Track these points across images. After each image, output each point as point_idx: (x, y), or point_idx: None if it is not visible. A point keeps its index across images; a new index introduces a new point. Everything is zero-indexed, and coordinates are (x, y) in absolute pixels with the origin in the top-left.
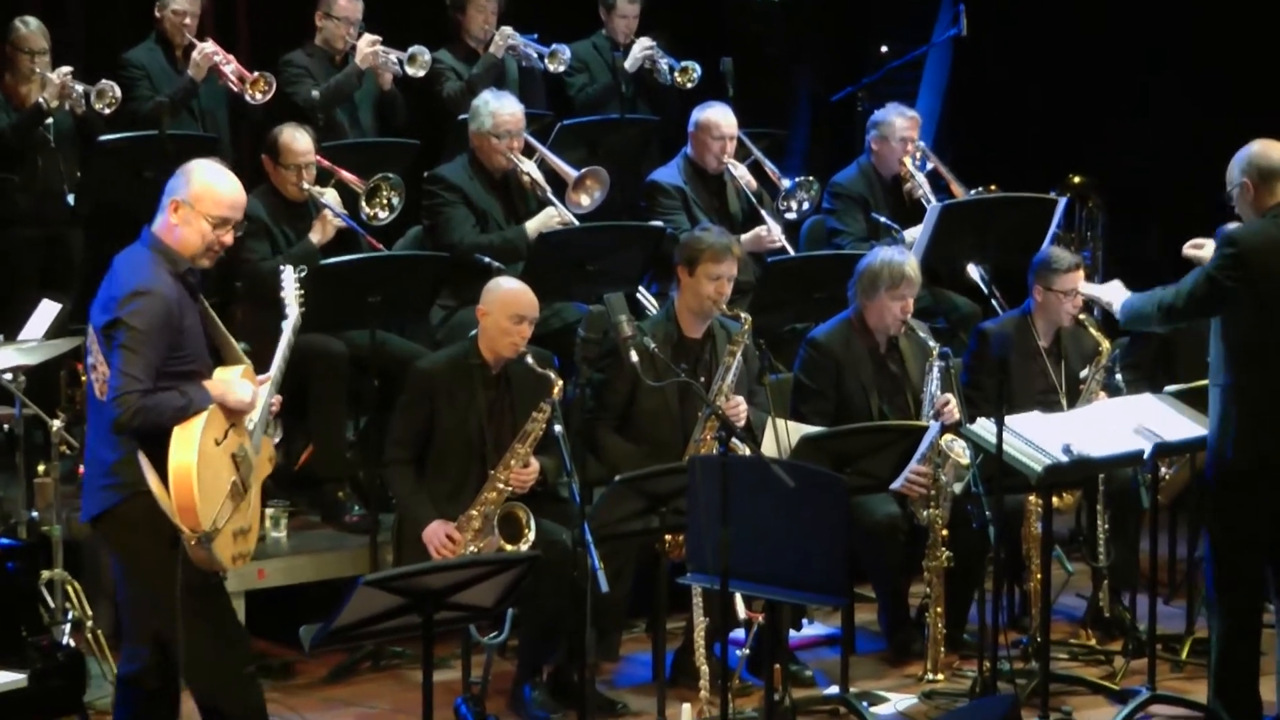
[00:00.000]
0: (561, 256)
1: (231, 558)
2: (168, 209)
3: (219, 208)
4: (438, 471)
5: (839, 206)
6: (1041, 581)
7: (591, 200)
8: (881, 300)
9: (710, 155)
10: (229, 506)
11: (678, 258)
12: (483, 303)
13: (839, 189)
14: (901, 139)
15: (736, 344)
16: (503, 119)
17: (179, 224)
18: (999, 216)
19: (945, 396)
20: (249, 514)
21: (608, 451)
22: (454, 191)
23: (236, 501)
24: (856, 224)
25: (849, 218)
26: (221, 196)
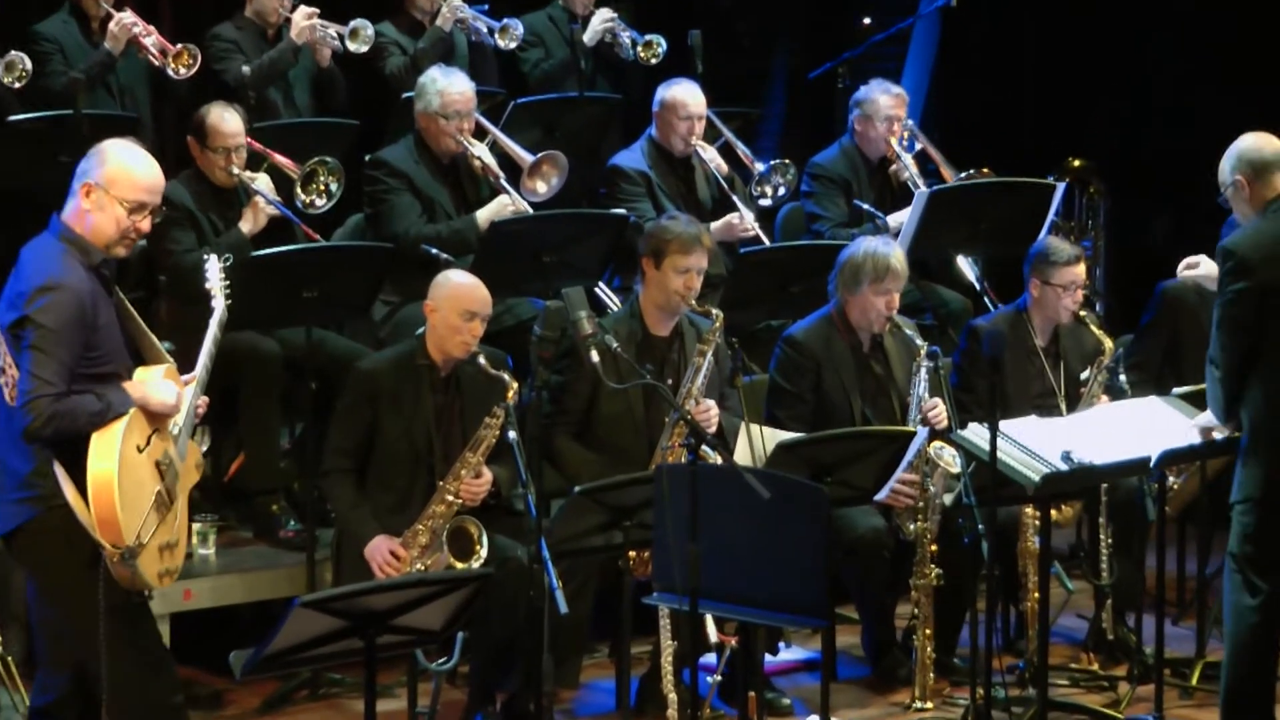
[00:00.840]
0: (515, 248)
1: (157, 575)
2: (79, 193)
3: (135, 191)
4: (381, 482)
5: (819, 190)
6: (1039, 601)
7: (549, 187)
8: (865, 295)
9: (677, 137)
10: (154, 519)
11: (642, 249)
12: (430, 298)
13: (819, 171)
14: (887, 118)
15: (707, 343)
16: (451, 98)
17: (91, 209)
18: (992, 203)
19: (933, 400)
20: (175, 527)
21: (566, 460)
22: (398, 177)
23: (162, 513)
24: (837, 209)
25: (829, 202)
26: (138, 179)
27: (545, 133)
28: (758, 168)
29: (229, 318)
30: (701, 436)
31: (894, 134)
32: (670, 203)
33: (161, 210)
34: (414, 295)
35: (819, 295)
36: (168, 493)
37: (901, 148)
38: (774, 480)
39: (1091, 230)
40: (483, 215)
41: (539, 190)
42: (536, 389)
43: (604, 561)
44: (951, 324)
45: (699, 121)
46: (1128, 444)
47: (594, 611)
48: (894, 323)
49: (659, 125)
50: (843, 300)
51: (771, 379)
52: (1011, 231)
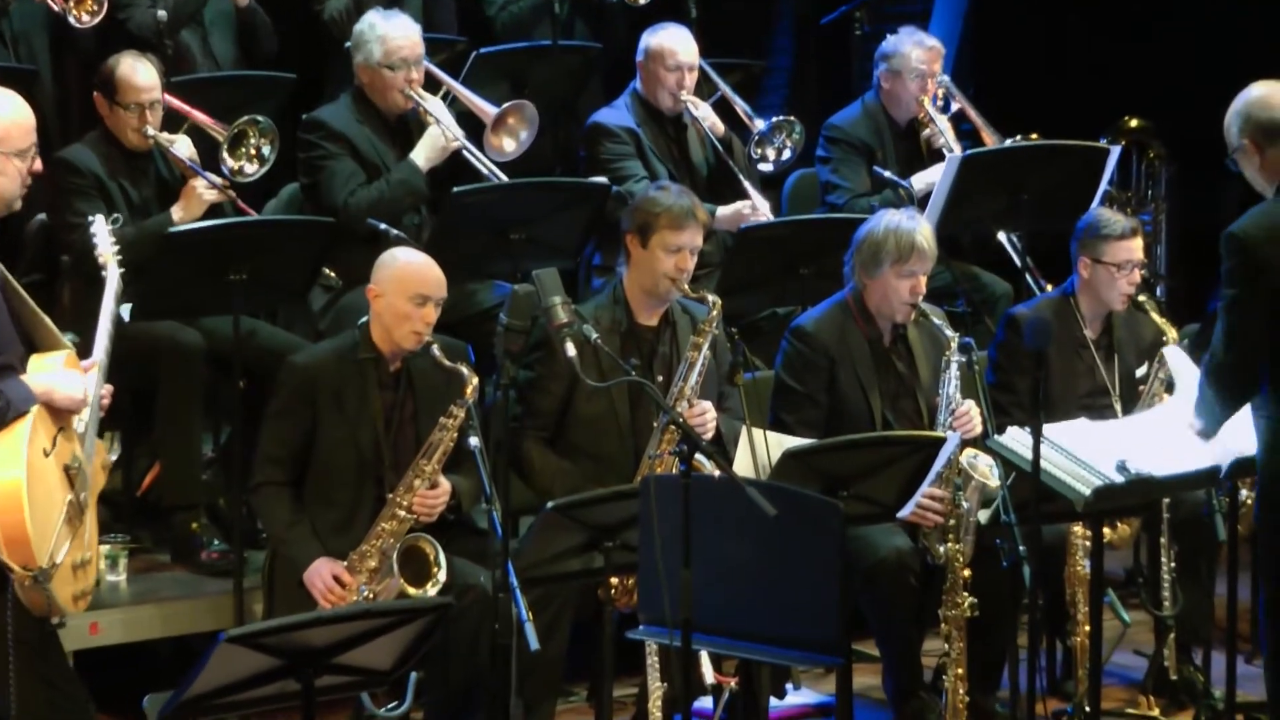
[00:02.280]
0: (477, 222)
1: (71, 598)
2: None
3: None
4: (321, 496)
5: (837, 155)
6: (1090, 635)
7: (517, 143)
8: (886, 278)
9: (664, 91)
10: (66, 533)
11: (627, 223)
12: (375, 280)
13: (838, 133)
14: (919, 74)
15: (702, 334)
16: (395, 45)
17: None
18: (1035, 170)
19: (966, 401)
20: (86, 540)
21: (537, 470)
22: (337, 140)
23: (74, 527)
24: (858, 178)
25: (849, 169)
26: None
27: (513, 87)
28: (758, 126)
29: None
30: (695, 443)
31: (926, 92)
32: (661, 166)
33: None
34: (358, 278)
35: (833, 278)
36: (78, 502)
37: (935, 108)
38: (780, 494)
39: (1151, 201)
40: (419, 155)
41: (505, 148)
42: (502, 386)
43: (581, 589)
44: (988, 312)
45: (690, 73)
46: (1194, 451)
47: (570, 648)
48: (920, 311)
49: (644, 78)
50: (860, 284)
51: (777, 376)
52: (1057, 203)
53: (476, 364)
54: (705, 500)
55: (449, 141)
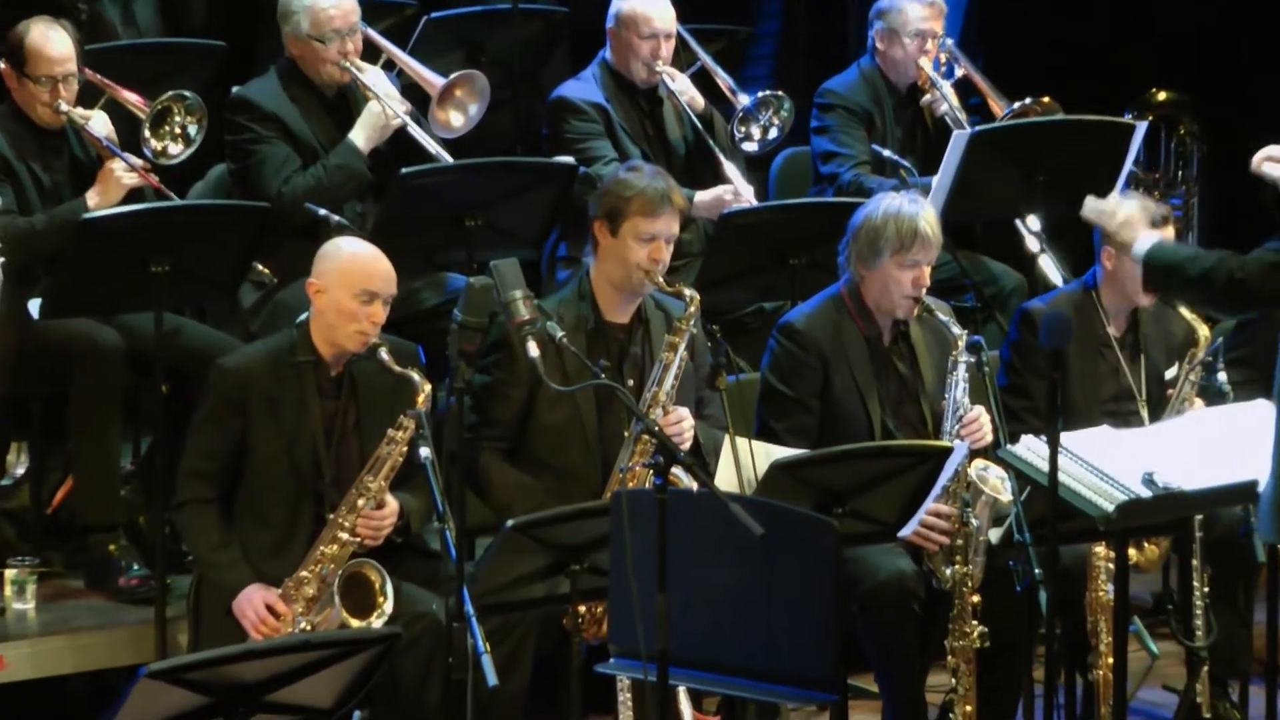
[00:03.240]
0: (428, 208)
1: None
2: None
3: None
4: (254, 515)
5: (835, 122)
6: (1114, 668)
7: (466, 118)
8: (886, 269)
9: (638, 61)
10: None
11: (595, 209)
12: (316, 274)
13: (834, 99)
14: (918, 34)
15: (679, 333)
16: (325, 15)
17: None
18: (1053, 148)
19: (975, 407)
20: None
21: (496, 485)
22: (267, 121)
23: None
24: (862, 145)
25: (849, 136)
26: None
27: (468, 57)
28: (742, 101)
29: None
30: (672, 454)
31: (927, 54)
32: (634, 146)
33: None
34: (295, 271)
35: (826, 270)
36: None
37: (938, 73)
38: (768, 511)
39: (1182, 184)
40: (358, 135)
41: (453, 124)
42: (456, 392)
43: (545, 618)
44: (1000, 307)
45: (667, 41)
46: (1229, 463)
47: (532, 684)
48: (924, 306)
49: (615, 46)
50: (857, 276)
51: (764, 379)
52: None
53: (428, 367)
54: (684, 518)
55: (390, 118)
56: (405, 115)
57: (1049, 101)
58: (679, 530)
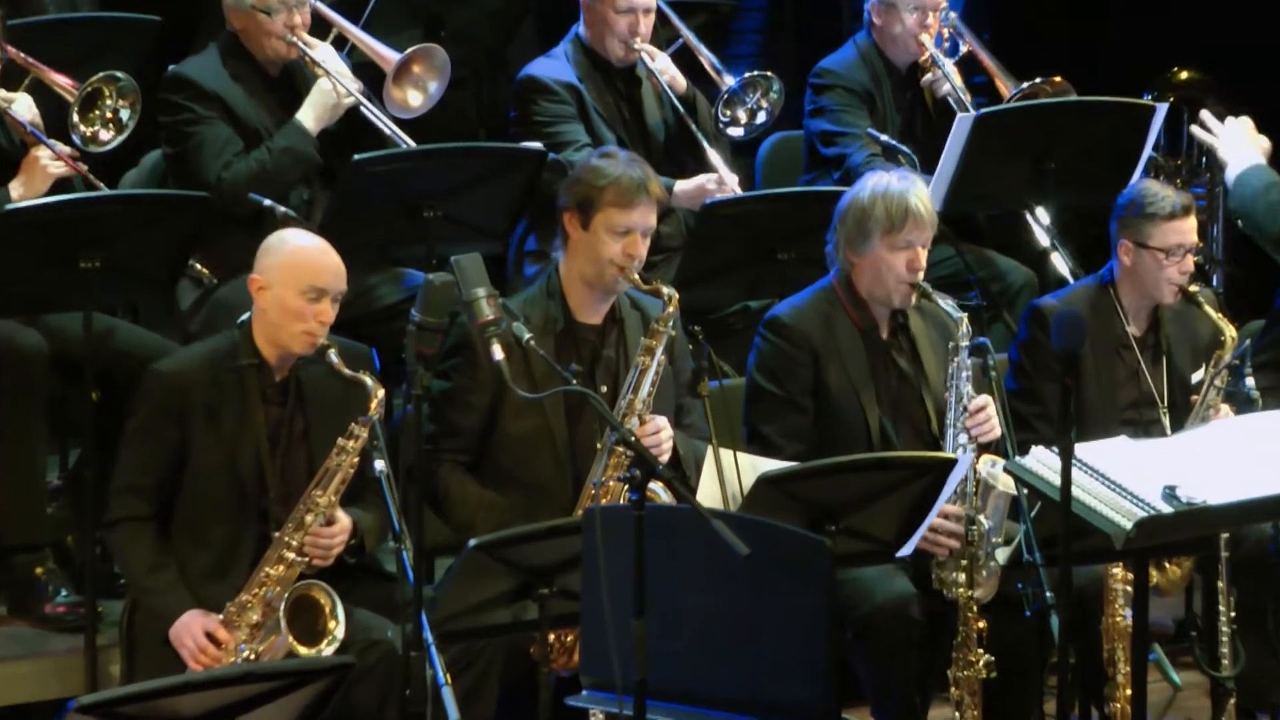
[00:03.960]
0: (383, 197)
1: None
2: None
3: None
4: (193, 534)
5: (836, 103)
6: (1133, 700)
7: (425, 97)
8: (876, 252)
9: (614, 38)
10: None
11: (565, 199)
12: (259, 270)
13: (832, 78)
14: (917, 6)
15: (656, 334)
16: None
17: None
18: (1066, 133)
19: (981, 396)
20: None
21: (457, 501)
22: (208, 101)
23: None
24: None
25: (853, 116)
26: None
27: (427, 32)
28: (727, 82)
29: None
30: (650, 467)
31: (928, 30)
32: (609, 130)
33: None
34: (236, 266)
35: (818, 265)
36: None
37: (940, 50)
38: (755, 529)
39: (1206, 171)
40: (306, 115)
41: (410, 103)
42: (413, 399)
43: (511, 646)
44: (1008, 305)
45: (646, 17)
46: (1258, 475)
47: (497, 718)
48: (922, 290)
49: (589, 21)
50: (847, 264)
51: (750, 380)
52: (1092, 173)
53: (382, 372)
54: (663, 537)
55: (342, 97)
56: (358, 94)
57: (1060, 81)
58: (657, 550)
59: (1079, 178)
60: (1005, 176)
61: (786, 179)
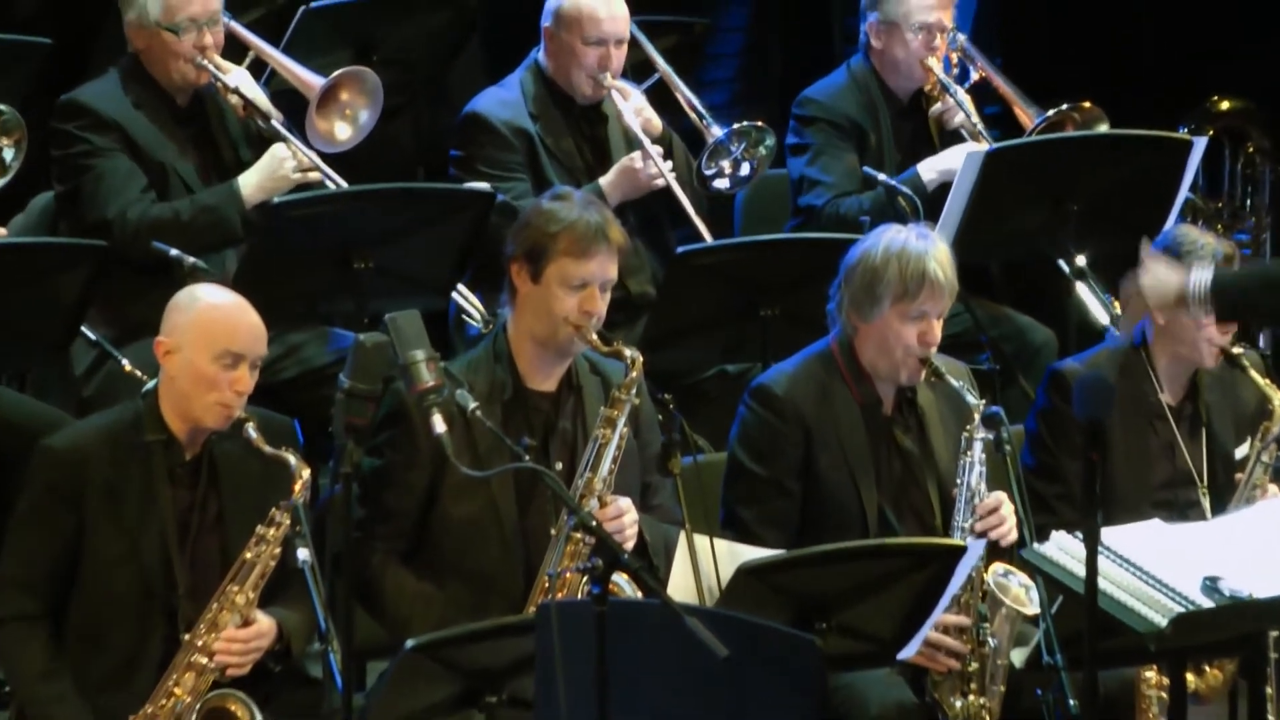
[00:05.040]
0: (308, 246)
1: None
2: None
3: None
4: (90, 635)
5: (816, 140)
6: None
7: (353, 129)
8: (886, 320)
9: (582, 73)
10: None
11: (512, 248)
12: (165, 331)
13: (816, 110)
14: (923, 26)
15: (619, 403)
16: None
17: None
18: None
19: (994, 495)
20: None
21: (391, 596)
22: (106, 130)
23: None
24: (846, 171)
25: (834, 159)
26: None
27: (358, 55)
28: (713, 134)
29: None
30: (614, 556)
31: (935, 52)
32: (567, 179)
33: None
34: (140, 328)
35: (807, 324)
36: None
37: (949, 76)
38: (735, 627)
39: (1250, 213)
40: (249, 180)
41: (337, 136)
42: (342, 478)
43: None
44: (1024, 369)
45: (618, 49)
46: None
47: None
48: (933, 368)
49: (551, 51)
50: (850, 329)
51: (731, 457)
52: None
53: (307, 448)
54: (628, 636)
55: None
56: (279, 126)
57: (1090, 108)
58: (622, 652)
59: (1106, 222)
60: (1021, 220)
61: (770, 224)
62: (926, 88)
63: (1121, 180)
